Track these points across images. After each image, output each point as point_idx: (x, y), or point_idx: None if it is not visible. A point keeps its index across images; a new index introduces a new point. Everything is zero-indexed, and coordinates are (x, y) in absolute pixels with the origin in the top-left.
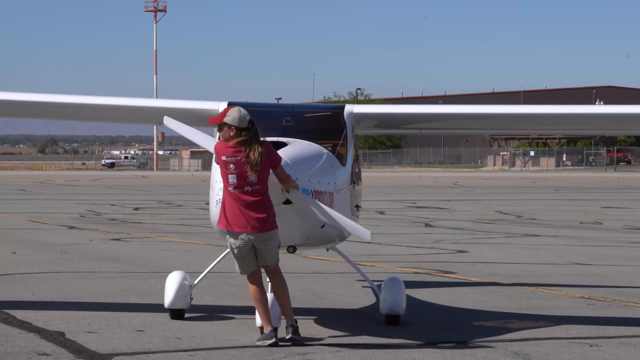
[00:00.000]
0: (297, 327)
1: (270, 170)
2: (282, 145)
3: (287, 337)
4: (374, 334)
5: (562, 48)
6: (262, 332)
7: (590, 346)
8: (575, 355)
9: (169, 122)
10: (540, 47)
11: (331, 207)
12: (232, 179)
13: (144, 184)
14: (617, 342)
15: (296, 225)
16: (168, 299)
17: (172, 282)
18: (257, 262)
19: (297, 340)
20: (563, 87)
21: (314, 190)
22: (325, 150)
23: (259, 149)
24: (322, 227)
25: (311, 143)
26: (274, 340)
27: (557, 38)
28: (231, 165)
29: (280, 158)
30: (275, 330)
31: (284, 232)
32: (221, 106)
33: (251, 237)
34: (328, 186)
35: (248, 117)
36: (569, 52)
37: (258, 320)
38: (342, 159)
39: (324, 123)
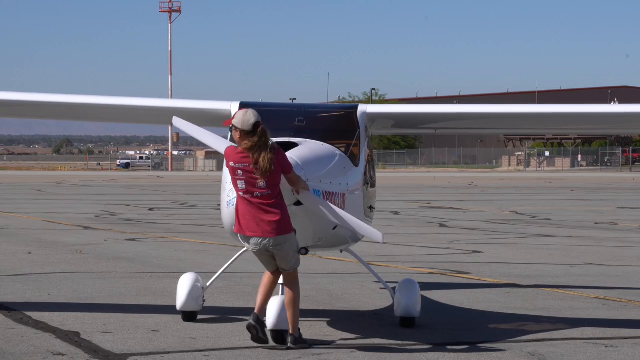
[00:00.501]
0: (298, 337)
1: (287, 175)
2: (293, 145)
3: (287, 346)
4: (389, 334)
5: (577, 48)
6: (271, 335)
7: (606, 347)
8: (590, 356)
9: (178, 122)
10: (555, 47)
11: (343, 209)
12: (240, 184)
13: (158, 184)
14: (633, 343)
15: (307, 227)
16: (180, 301)
17: (184, 284)
18: (275, 265)
19: (295, 349)
20: (578, 87)
21: (326, 192)
22: (337, 151)
23: (268, 156)
24: (334, 228)
25: (323, 144)
26: (251, 322)
27: (573, 38)
28: (239, 172)
29: (290, 165)
30: (256, 316)
31: (296, 234)
32: (233, 106)
33: (263, 241)
34: (340, 187)
35: (253, 121)
36: (585, 52)
37: (269, 322)
38: (354, 160)
39: (337, 123)
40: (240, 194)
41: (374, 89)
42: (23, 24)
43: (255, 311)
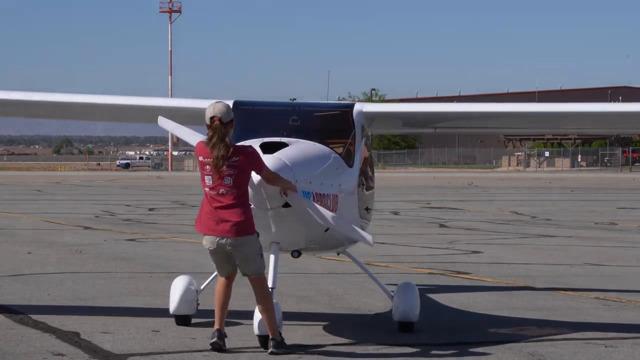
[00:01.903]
0: (279, 340)
1: (261, 174)
2: (284, 145)
3: (269, 351)
4: (389, 336)
5: (577, 48)
6: (259, 340)
7: (606, 347)
8: (590, 356)
9: (163, 122)
10: (555, 47)
11: (335, 210)
12: (208, 180)
13: (158, 184)
14: (633, 343)
15: (298, 229)
16: (173, 304)
17: (177, 287)
18: (233, 266)
19: (277, 354)
20: (578, 87)
21: (316, 193)
22: (329, 151)
23: (220, 152)
24: (326, 230)
25: (315, 143)
26: (214, 340)
27: (572, 38)
28: (207, 167)
29: (262, 164)
30: (219, 332)
31: (286, 237)
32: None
33: (220, 240)
34: (332, 188)
35: (210, 115)
36: (585, 52)
37: (256, 328)
38: (349, 160)
39: (332, 122)
40: (207, 189)
41: (373, 89)
42: (22, 23)
43: (216, 327)
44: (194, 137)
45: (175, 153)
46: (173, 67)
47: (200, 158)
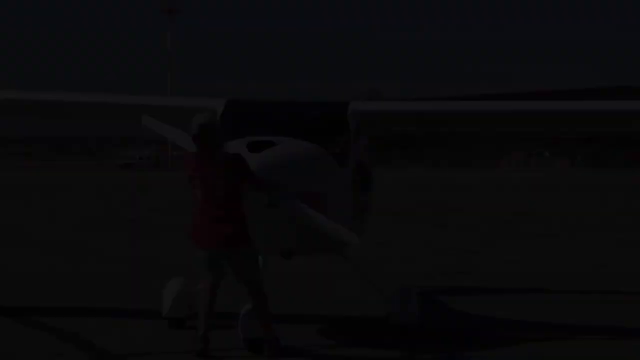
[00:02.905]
0: (274, 342)
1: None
2: (272, 144)
3: (264, 353)
4: (388, 339)
5: (577, 48)
6: (245, 343)
7: (606, 347)
8: (590, 356)
9: (148, 122)
10: (555, 47)
11: (325, 211)
12: (199, 192)
13: (158, 184)
14: (633, 343)
15: (285, 230)
16: (166, 307)
17: (171, 290)
18: (226, 274)
19: (272, 356)
20: (578, 87)
21: (304, 193)
22: (320, 151)
23: (215, 160)
24: (315, 231)
25: (305, 142)
26: (202, 346)
27: (572, 38)
28: (197, 179)
29: (250, 171)
30: (203, 336)
31: (273, 237)
32: (218, 104)
33: (218, 253)
34: (322, 189)
35: (198, 123)
36: (585, 52)
37: (242, 331)
38: (342, 160)
39: (325, 121)
40: (199, 202)
41: (373, 90)
42: (20, 21)
43: (203, 332)
44: (180, 137)
45: (175, 153)
46: (173, 67)
47: (190, 170)
